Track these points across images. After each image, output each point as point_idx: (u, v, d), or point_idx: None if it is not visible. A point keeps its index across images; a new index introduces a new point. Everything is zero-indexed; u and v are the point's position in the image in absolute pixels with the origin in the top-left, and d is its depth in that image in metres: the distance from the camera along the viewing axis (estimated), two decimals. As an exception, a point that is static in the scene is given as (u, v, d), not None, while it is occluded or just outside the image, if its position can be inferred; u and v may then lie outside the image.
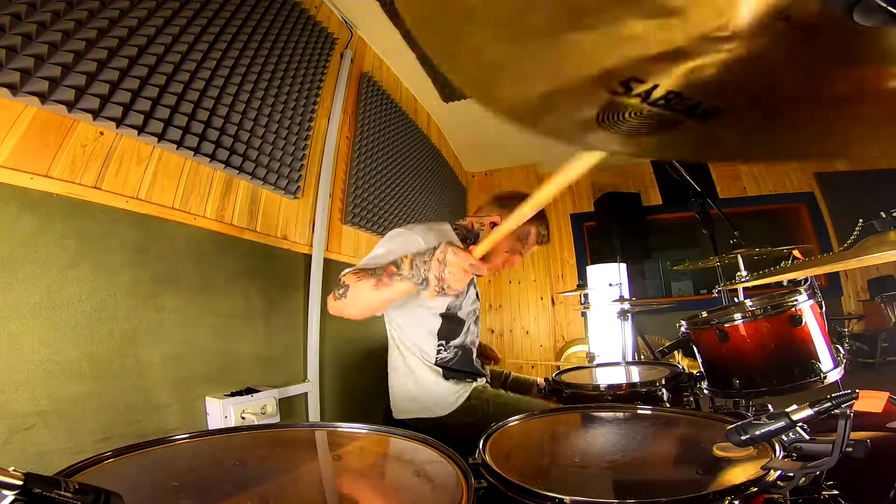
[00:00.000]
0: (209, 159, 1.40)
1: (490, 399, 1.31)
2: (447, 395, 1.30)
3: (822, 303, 1.29)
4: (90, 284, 1.08)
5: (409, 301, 1.33)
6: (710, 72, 0.35)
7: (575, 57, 0.33)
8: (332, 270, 1.94)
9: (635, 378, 1.61)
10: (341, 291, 1.10)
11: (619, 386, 1.37)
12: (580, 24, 0.30)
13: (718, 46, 0.33)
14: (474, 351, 1.46)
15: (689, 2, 0.28)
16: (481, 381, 1.43)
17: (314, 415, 1.76)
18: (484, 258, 1.18)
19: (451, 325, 1.37)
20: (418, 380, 1.33)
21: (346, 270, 1.13)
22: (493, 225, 1.44)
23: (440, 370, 1.33)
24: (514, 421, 0.90)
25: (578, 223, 4.56)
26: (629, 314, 2.52)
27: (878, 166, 3.76)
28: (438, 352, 1.35)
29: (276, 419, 1.44)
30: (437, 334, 1.35)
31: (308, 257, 1.87)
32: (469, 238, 1.47)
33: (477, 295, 1.52)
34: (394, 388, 1.40)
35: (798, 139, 0.46)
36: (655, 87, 0.34)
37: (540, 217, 1.48)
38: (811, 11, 0.27)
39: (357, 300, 1.07)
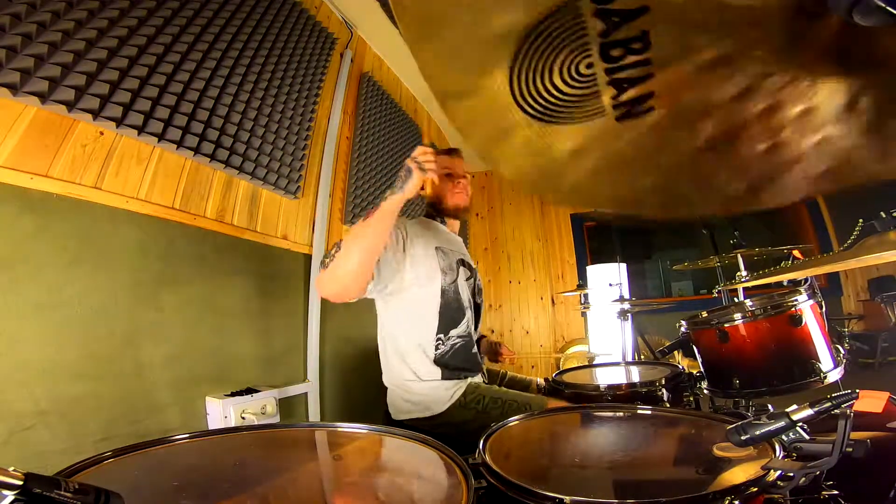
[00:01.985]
0: (209, 159, 1.40)
1: (485, 394, 1.31)
2: (442, 393, 1.30)
3: (822, 303, 1.28)
4: (90, 284, 1.08)
5: (404, 294, 1.32)
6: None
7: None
8: (332, 270, 1.95)
9: (635, 378, 1.61)
10: (333, 251, 1.09)
11: (619, 386, 1.37)
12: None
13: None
14: (474, 342, 1.46)
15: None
16: (476, 378, 1.42)
17: (314, 415, 1.76)
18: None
19: (450, 313, 1.37)
20: (412, 381, 1.33)
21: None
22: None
23: (435, 369, 1.33)
24: (514, 421, 0.90)
25: (578, 223, 4.56)
26: (629, 314, 2.52)
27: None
28: (437, 346, 1.34)
29: (276, 419, 1.44)
30: (438, 326, 1.35)
31: (308, 257, 1.87)
32: (436, 213, 1.59)
33: (476, 279, 1.52)
34: (389, 390, 1.40)
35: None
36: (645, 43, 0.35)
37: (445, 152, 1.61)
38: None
39: (351, 244, 1.07)
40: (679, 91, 0.39)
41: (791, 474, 0.54)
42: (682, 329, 1.40)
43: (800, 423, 0.59)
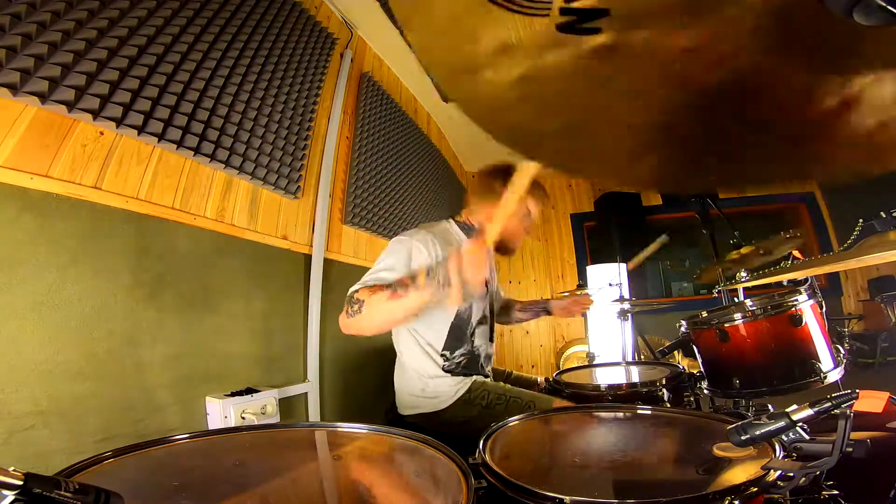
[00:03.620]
0: (209, 159, 1.40)
1: (490, 390, 1.31)
2: (448, 388, 1.31)
3: (822, 303, 1.28)
4: (90, 284, 1.08)
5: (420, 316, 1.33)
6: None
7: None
8: (332, 270, 1.94)
9: (635, 378, 1.61)
10: (356, 308, 1.09)
11: (619, 386, 1.37)
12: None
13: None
14: (482, 356, 1.46)
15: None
16: (482, 378, 1.43)
17: (314, 415, 1.76)
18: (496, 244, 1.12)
19: (457, 333, 1.38)
20: (420, 379, 1.34)
21: (356, 286, 1.13)
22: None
23: (445, 371, 1.34)
24: (514, 421, 0.90)
25: (578, 223, 4.56)
26: (629, 314, 2.52)
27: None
28: (444, 357, 1.35)
29: (276, 419, 1.44)
30: (445, 342, 1.35)
31: (308, 257, 1.87)
32: (469, 232, 1.47)
33: (490, 290, 1.51)
34: (397, 386, 1.41)
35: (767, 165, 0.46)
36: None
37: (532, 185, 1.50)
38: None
39: (373, 314, 1.07)
40: (634, 30, 0.35)
41: (791, 474, 0.54)
42: (682, 329, 1.40)
43: (800, 423, 0.59)
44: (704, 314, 1.35)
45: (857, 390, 0.60)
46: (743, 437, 0.60)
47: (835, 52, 0.34)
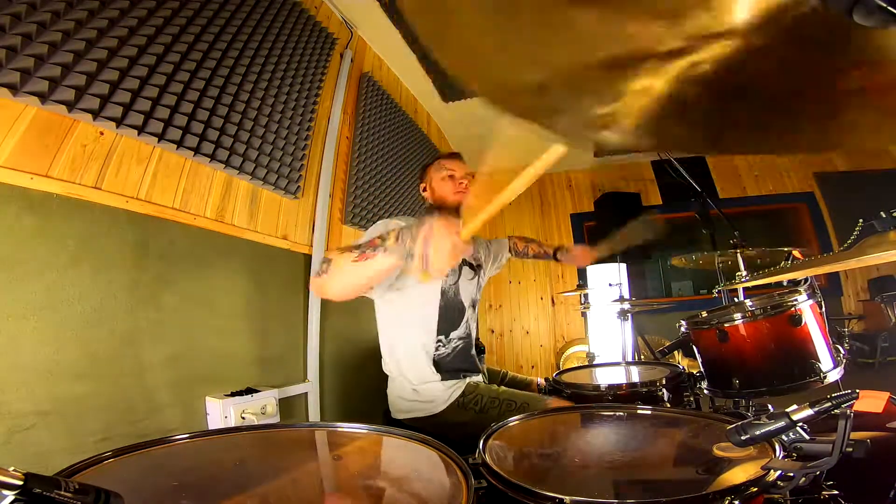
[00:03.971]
0: (209, 159, 1.40)
1: (483, 394, 1.31)
2: (441, 393, 1.31)
3: (822, 303, 1.28)
4: (90, 284, 1.08)
5: (404, 296, 1.32)
6: (706, 68, 0.33)
7: (569, 42, 0.31)
8: (332, 270, 1.94)
9: (635, 378, 1.61)
10: (324, 267, 1.05)
11: (619, 386, 1.37)
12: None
13: (714, 44, 0.31)
14: (473, 342, 1.47)
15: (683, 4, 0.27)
16: (476, 378, 1.43)
17: (314, 415, 1.76)
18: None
19: (450, 315, 1.37)
20: (413, 381, 1.34)
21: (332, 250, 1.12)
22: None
23: (435, 374, 1.33)
24: (514, 421, 0.90)
25: (578, 223, 4.56)
26: (629, 314, 2.52)
27: (878, 166, 3.77)
28: (437, 348, 1.34)
29: (276, 419, 1.44)
30: (437, 329, 1.35)
31: (308, 257, 1.87)
32: (438, 212, 1.50)
33: (480, 277, 1.52)
34: (391, 390, 1.41)
35: (794, 133, 0.44)
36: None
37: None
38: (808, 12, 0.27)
39: (338, 274, 1.02)
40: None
41: (791, 474, 0.54)
42: (682, 329, 1.40)
43: (800, 423, 0.59)
44: (704, 314, 1.35)
45: (857, 390, 0.60)
46: (743, 437, 0.60)
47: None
